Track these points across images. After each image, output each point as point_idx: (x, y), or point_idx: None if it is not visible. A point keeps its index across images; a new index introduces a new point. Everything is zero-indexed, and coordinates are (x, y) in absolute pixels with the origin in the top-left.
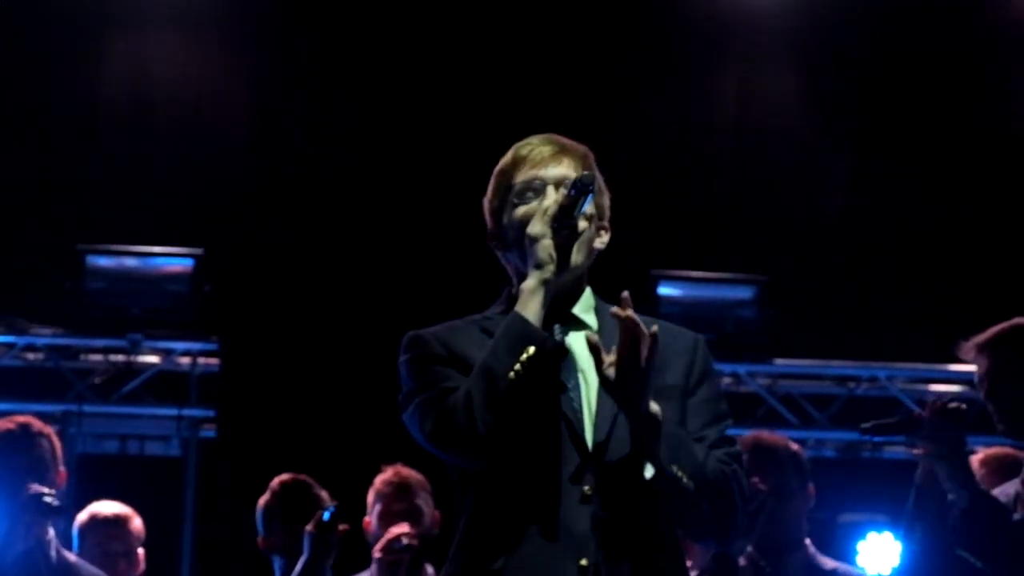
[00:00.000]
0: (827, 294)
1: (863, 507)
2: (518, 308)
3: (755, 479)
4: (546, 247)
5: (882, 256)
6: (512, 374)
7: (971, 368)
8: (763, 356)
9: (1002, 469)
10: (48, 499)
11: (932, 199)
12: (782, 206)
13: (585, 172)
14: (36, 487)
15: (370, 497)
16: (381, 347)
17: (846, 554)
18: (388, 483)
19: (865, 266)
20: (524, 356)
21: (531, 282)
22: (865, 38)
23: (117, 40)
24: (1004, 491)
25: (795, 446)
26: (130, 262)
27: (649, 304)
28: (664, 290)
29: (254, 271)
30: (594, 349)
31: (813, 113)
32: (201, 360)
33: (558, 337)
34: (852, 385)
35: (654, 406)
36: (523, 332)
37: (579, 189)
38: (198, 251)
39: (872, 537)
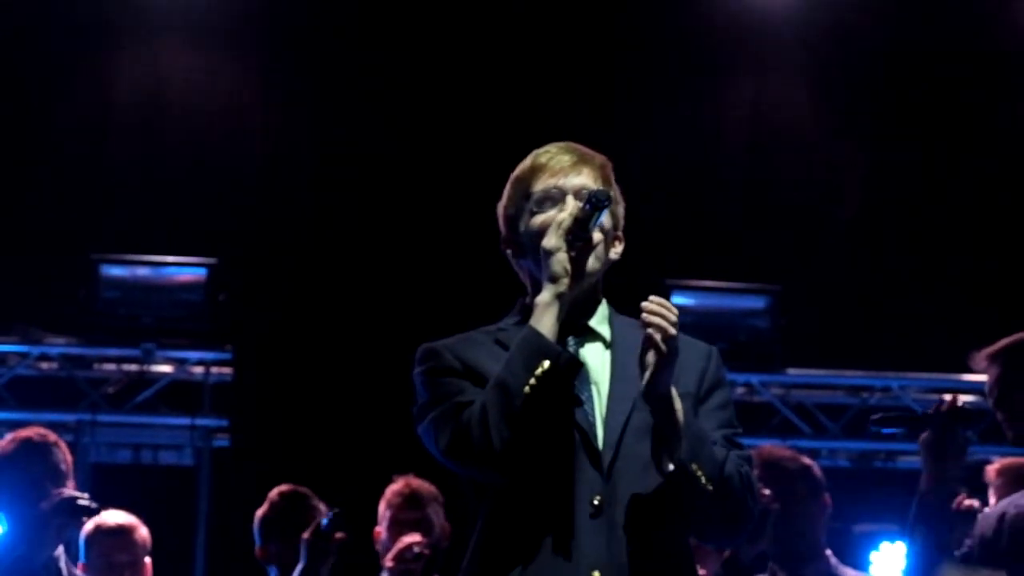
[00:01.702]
0: (840, 304)
1: (876, 517)
2: (533, 322)
3: (759, 486)
4: (561, 260)
5: (895, 266)
6: (527, 389)
7: (984, 378)
8: (776, 366)
9: (1019, 479)
10: (83, 501)
11: (946, 209)
12: (795, 216)
13: (600, 187)
14: (67, 491)
15: (381, 507)
16: (394, 357)
17: (860, 564)
18: (398, 493)
19: (878, 276)
20: (539, 371)
21: (546, 296)
22: (879, 48)
23: (130, 50)
24: (1015, 501)
25: (806, 459)
26: (143, 271)
27: None
28: (677, 299)
29: (267, 280)
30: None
31: (826, 123)
32: (214, 369)
33: (572, 349)
34: (865, 395)
35: (677, 401)
36: (538, 346)
37: (594, 204)
38: (212, 260)
39: (885, 546)
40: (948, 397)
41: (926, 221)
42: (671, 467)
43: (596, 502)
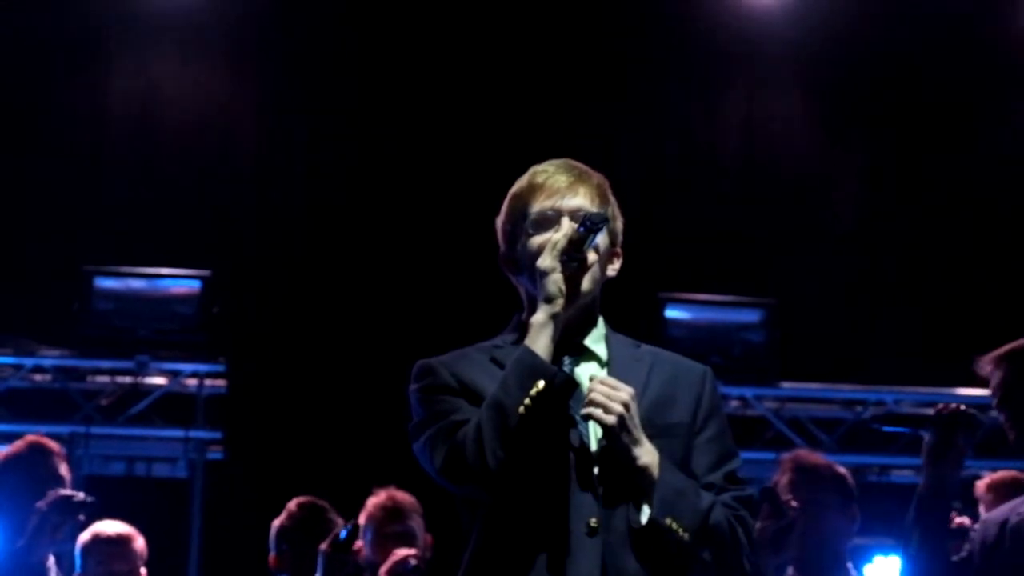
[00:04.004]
0: (835, 317)
1: (870, 530)
2: (528, 342)
3: (788, 497)
4: (555, 281)
5: (890, 280)
6: (522, 409)
7: (977, 392)
8: (770, 379)
9: (1009, 494)
10: (78, 498)
11: (940, 222)
12: (790, 229)
13: (595, 210)
14: (61, 491)
15: (362, 520)
16: (388, 369)
17: None
18: (381, 507)
19: (873, 290)
20: (534, 391)
21: (541, 316)
22: (875, 59)
23: (125, 62)
24: (1016, 508)
25: (841, 469)
26: (137, 283)
27: (656, 327)
28: (671, 313)
29: (261, 293)
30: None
31: (821, 136)
32: (208, 382)
33: (567, 368)
34: (859, 409)
35: (647, 457)
36: (533, 366)
37: (589, 226)
38: (205, 273)
39: (879, 560)
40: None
41: (921, 234)
42: (643, 522)
43: (592, 523)
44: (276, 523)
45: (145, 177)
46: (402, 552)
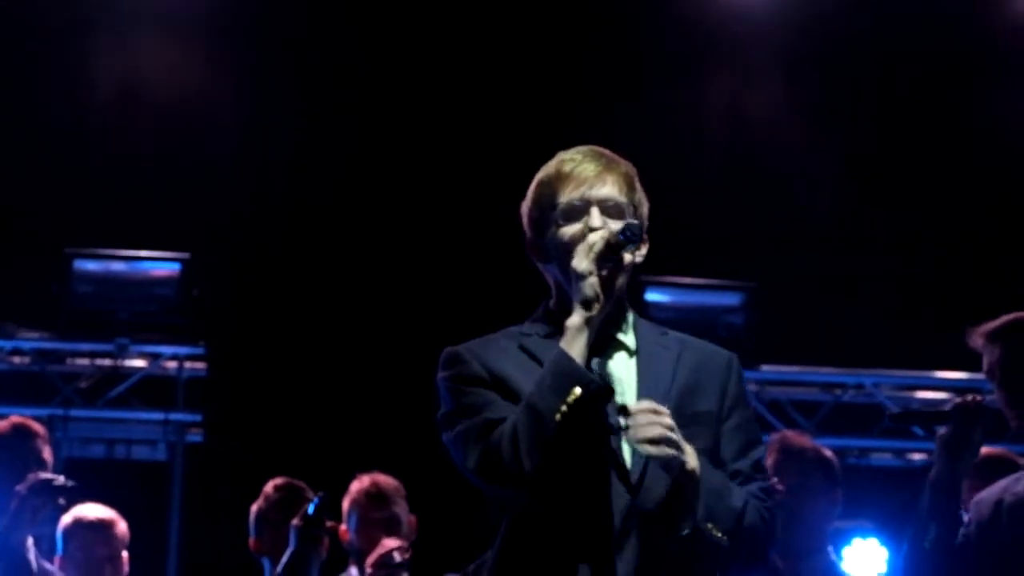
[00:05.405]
0: (814, 301)
1: (849, 513)
2: (564, 345)
3: (774, 479)
4: (592, 284)
5: (869, 263)
6: (558, 415)
7: (958, 375)
8: (750, 362)
9: (988, 472)
10: (58, 482)
11: (919, 207)
12: (770, 212)
13: (635, 221)
14: (42, 474)
15: (345, 505)
16: (367, 351)
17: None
18: (365, 493)
19: (852, 273)
20: (570, 398)
21: (577, 319)
22: (855, 47)
23: (105, 44)
24: (1010, 489)
25: (827, 452)
26: (117, 266)
27: (637, 310)
28: (652, 296)
29: (241, 275)
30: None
31: (802, 121)
32: (188, 364)
33: (596, 368)
34: (838, 392)
35: (692, 461)
36: (570, 372)
37: (627, 236)
38: (185, 255)
39: (857, 543)
40: (969, 396)
41: (901, 218)
42: (686, 531)
43: (628, 525)
44: (254, 507)
45: (125, 159)
46: (389, 543)
